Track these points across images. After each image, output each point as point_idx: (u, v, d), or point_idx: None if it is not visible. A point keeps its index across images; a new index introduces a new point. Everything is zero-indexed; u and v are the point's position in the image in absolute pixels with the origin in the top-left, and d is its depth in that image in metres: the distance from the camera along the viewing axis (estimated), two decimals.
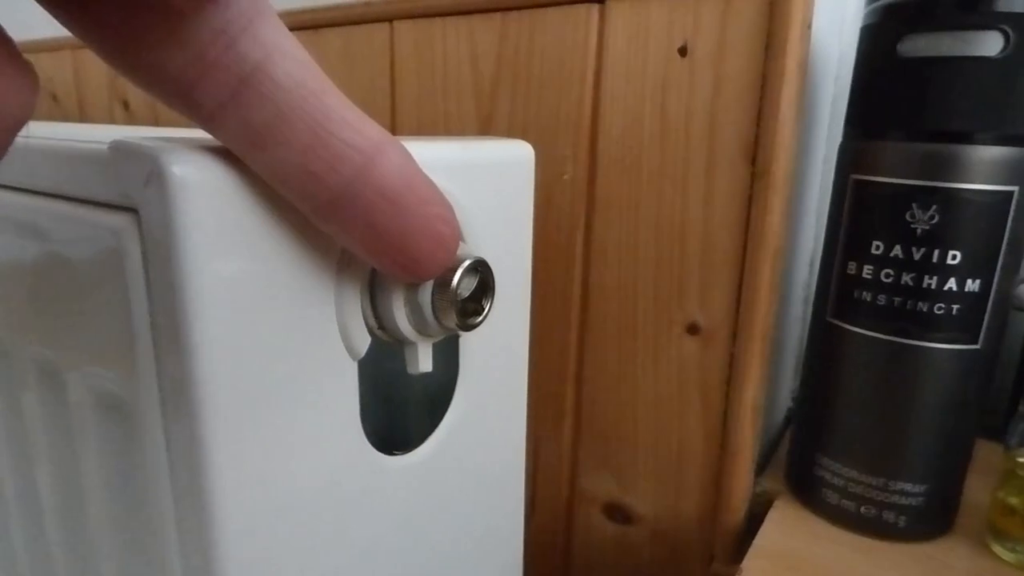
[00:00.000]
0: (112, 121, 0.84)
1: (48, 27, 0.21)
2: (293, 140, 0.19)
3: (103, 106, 0.85)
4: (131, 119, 0.82)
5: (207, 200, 0.20)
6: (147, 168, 0.20)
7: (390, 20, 0.53)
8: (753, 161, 0.40)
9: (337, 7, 0.56)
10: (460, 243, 0.27)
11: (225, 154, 0.21)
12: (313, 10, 0.57)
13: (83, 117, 0.89)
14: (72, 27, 0.18)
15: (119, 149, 0.21)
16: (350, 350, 0.27)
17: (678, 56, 0.41)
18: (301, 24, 0.59)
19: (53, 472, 0.32)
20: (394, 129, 0.55)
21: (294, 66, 0.19)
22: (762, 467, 0.49)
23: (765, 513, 0.44)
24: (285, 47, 0.19)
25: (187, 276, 0.20)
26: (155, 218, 0.20)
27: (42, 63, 0.91)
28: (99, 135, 0.22)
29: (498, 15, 0.47)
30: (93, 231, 0.23)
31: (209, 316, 0.21)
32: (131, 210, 0.21)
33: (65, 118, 0.91)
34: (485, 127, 0.50)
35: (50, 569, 0.35)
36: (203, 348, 0.21)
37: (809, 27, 0.38)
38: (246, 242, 0.22)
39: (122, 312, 0.23)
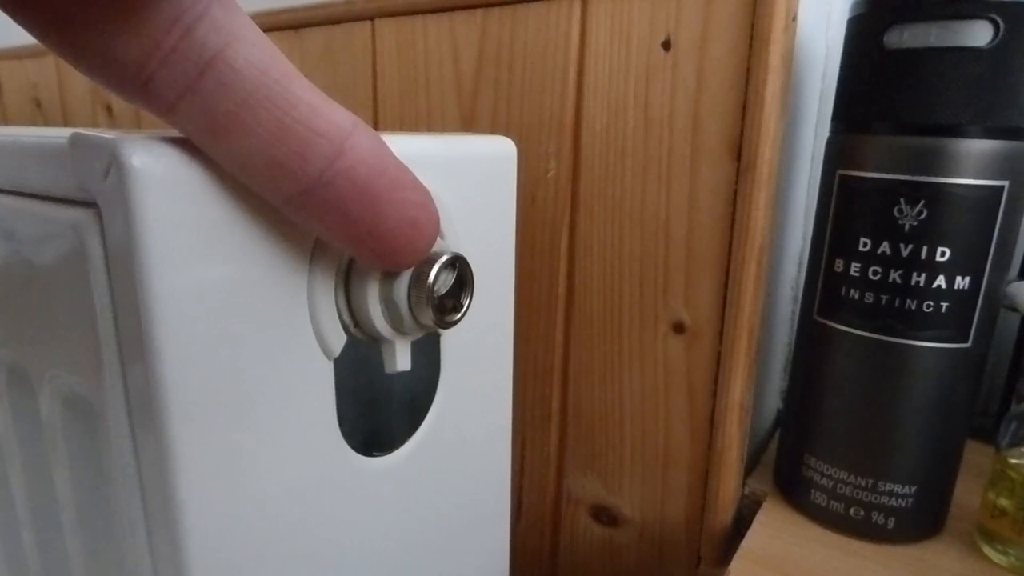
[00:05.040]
0: (95, 126, 0.83)
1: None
2: (258, 129, 0.18)
3: (86, 112, 0.84)
4: (114, 124, 0.81)
5: (169, 193, 0.20)
6: (105, 160, 0.19)
7: (371, 18, 0.53)
8: (738, 156, 0.39)
9: (319, 6, 0.55)
10: (439, 238, 0.27)
11: (189, 145, 0.20)
12: (294, 9, 0.57)
13: (67, 123, 0.88)
14: (22, 15, 0.17)
15: (78, 141, 0.20)
16: (325, 349, 0.26)
17: (661, 50, 0.41)
18: (283, 24, 0.58)
19: (26, 480, 0.31)
20: (376, 127, 0.55)
21: (255, 52, 0.18)
22: (750, 469, 0.49)
23: (753, 515, 0.43)
24: (245, 33, 0.18)
25: (149, 274, 0.20)
26: (115, 212, 0.20)
27: (26, 69, 0.90)
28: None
29: (479, 11, 0.47)
30: (54, 227, 0.22)
31: (174, 316, 0.20)
32: (92, 205, 0.21)
33: (48, 124, 0.91)
34: (467, 125, 0.49)
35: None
36: (168, 348, 0.20)
37: (794, 19, 0.38)
38: (212, 237, 0.21)
39: (86, 311, 0.22)
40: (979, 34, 0.32)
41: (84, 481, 0.27)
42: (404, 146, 0.29)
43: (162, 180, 0.19)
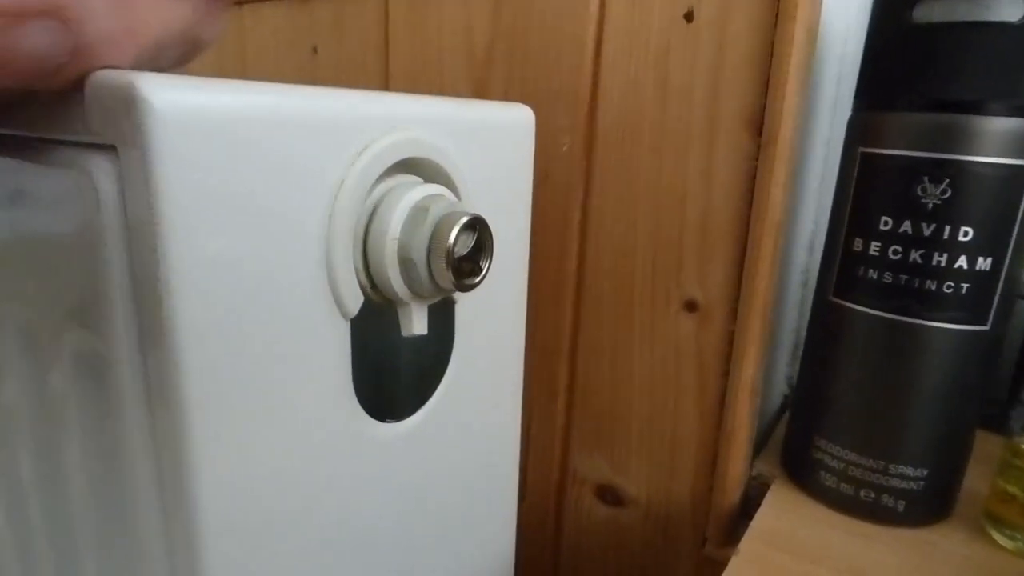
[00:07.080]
0: None
1: None
2: None
3: None
4: None
5: (192, 137, 0.19)
6: (125, 98, 0.18)
7: None
8: (759, 131, 0.39)
9: None
10: (457, 200, 0.26)
11: (216, 89, 0.20)
12: None
13: None
14: None
15: (96, 79, 0.20)
16: (342, 309, 0.26)
17: (683, 21, 0.40)
18: None
19: (35, 447, 0.31)
20: None
21: None
22: (757, 452, 0.48)
23: (761, 497, 0.43)
24: None
25: (168, 225, 0.19)
26: (133, 155, 0.19)
27: None
28: None
29: None
30: (68, 173, 0.22)
31: (192, 268, 0.20)
32: (110, 148, 0.20)
33: None
34: (480, 97, 0.49)
35: (32, 551, 0.33)
36: (185, 303, 0.20)
37: None
38: (233, 189, 0.20)
39: (101, 262, 0.21)
40: (1010, 9, 0.32)
41: (95, 448, 0.26)
42: (421, 108, 0.29)
43: (185, 122, 0.19)
